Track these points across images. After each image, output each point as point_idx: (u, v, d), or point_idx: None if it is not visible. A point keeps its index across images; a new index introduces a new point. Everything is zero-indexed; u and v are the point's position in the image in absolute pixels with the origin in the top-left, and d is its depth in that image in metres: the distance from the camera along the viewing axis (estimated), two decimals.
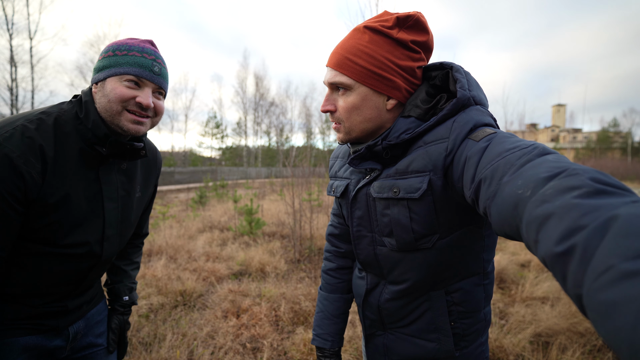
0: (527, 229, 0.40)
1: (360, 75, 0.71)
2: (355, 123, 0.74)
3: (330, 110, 0.76)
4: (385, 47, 0.70)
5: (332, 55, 0.75)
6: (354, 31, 0.74)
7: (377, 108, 0.74)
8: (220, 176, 21.82)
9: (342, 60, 0.72)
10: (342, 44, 0.73)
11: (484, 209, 0.53)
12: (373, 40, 0.71)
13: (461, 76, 0.72)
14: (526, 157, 0.49)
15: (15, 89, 18.02)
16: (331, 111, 0.76)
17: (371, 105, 0.74)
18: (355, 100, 0.72)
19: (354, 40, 0.72)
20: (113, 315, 1.12)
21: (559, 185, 0.39)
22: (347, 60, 0.71)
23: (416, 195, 0.68)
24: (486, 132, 0.62)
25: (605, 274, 0.27)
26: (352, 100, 0.73)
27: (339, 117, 0.75)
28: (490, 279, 0.82)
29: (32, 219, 0.79)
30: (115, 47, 0.86)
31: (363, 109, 0.73)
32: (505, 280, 3.58)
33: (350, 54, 0.71)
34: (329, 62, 0.75)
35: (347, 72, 0.71)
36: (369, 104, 0.73)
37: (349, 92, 0.73)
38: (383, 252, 0.79)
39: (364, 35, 0.72)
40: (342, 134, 0.77)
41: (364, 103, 0.73)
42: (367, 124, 0.74)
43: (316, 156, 19.17)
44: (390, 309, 0.83)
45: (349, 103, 0.73)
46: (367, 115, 0.74)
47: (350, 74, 0.71)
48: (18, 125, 0.76)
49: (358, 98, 0.72)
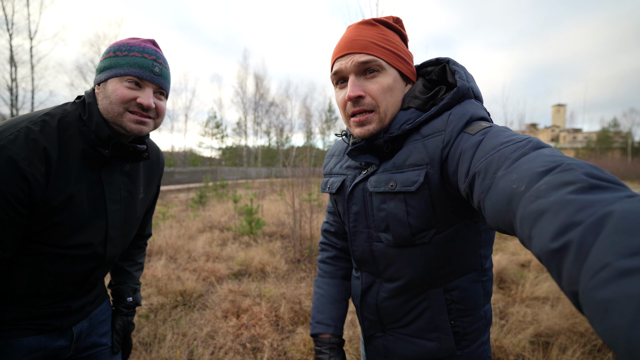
0: (521, 224, 0.40)
1: (389, 57, 0.72)
2: (390, 105, 0.72)
3: (361, 95, 0.71)
4: (396, 37, 0.76)
5: (350, 43, 0.72)
6: (363, 24, 0.74)
7: (402, 93, 0.75)
8: (220, 176, 21.81)
9: (368, 44, 0.71)
10: (358, 33, 0.73)
11: (478, 203, 0.53)
12: (386, 31, 0.75)
13: (459, 68, 0.75)
14: (521, 151, 0.49)
15: (15, 89, 18.03)
16: (361, 97, 0.71)
17: (399, 88, 0.74)
18: (390, 81, 0.72)
19: (369, 30, 0.73)
20: (117, 316, 1.12)
21: (554, 180, 0.39)
22: (374, 44, 0.71)
23: (413, 189, 0.68)
24: (481, 126, 0.63)
25: (601, 272, 0.27)
26: (387, 81, 0.72)
27: (370, 102, 0.72)
28: (488, 276, 0.82)
29: (36, 220, 0.79)
30: (116, 48, 0.86)
31: (395, 92, 0.73)
32: (505, 280, 3.59)
33: (373, 39, 0.72)
34: (350, 48, 0.72)
35: (378, 54, 0.71)
36: (398, 86, 0.74)
37: (381, 74, 0.72)
38: (379, 248, 0.79)
39: (376, 27, 0.74)
40: (374, 124, 0.72)
41: (395, 85, 0.73)
42: (395, 108, 0.74)
43: (316, 156, 19.18)
44: (389, 308, 0.82)
45: (384, 84, 0.71)
46: (397, 98, 0.74)
47: (382, 56, 0.71)
48: (22, 127, 0.76)
49: (391, 79, 0.72)
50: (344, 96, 0.73)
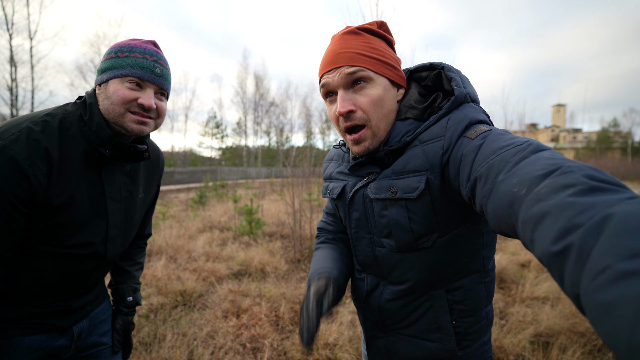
0: (523, 227, 0.40)
1: (377, 66, 0.71)
2: (382, 117, 0.72)
3: (352, 110, 0.70)
4: (382, 44, 0.75)
5: (336, 57, 0.72)
6: (347, 34, 0.73)
7: (394, 100, 0.74)
8: (220, 176, 21.83)
9: (354, 56, 0.70)
10: (342, 45, 0.72)
11: (480, 207, 0.53)
12: (371, 38, 0.74)
13: (455, 74, 0.74)
14: (521, 155, 0.49)
15: (15, 89, 18.02)
16: (352, 111, 0.71)
17: (391, 97, 0.73)
18: (379, 92, 0.71)
19: (353, 40, 0.72)
20: (117, 316, 1.12)
21: (554, 183, 0.39)
22: (359, 55, 0.70)
23: (414, 195, 0.68)
24: (481, 130, 0.63)
25: (602, 274, 0.27)
26: (377, 92, 0.71)
27: (361, 116, 0.71)
28: (491, 277, 0.82)
29: (37, 220, 0.79)
30: (117, 49, 0.87)
31: (386, 101, 0.72)
32: (505, 280, 3.59)
33: (358, 50, 0.71)
34: (336, 62, 0.71)
35: (365, 64, 0.70)
36: (389, 94, 0.73)
37: (370, 85, 0.71)
38: (382, 253, 0.78)
39: (360, 36, 0.73)
40: (368, 140, 0.72)
41: (386, 94, 0.72)
42: (388, 119, 0.73)
43: (316, 156, 19.20)
44: (391, 310, 0.82)
45: (373, 95, 0.70)
46: (389, 107, 0.73)
47: (369, 66, 0.70)
48: (24, 127, 0.77)
49: (380, 89, 0.71)
50: (335, 111, 0.73)
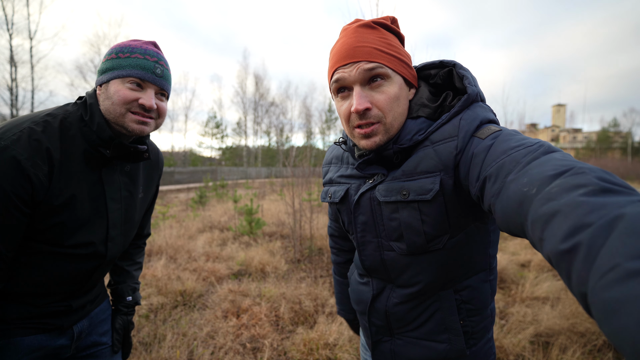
0: (533, 226, 0.40)
1: (395, 64, 0.69)
2: (397, 115, 0.70)
3: (368, 107, 0.67)
4: (396, 40, 0.73)
5: (353, 50, 0.68)
6: (362, 27, 0.70)
7: (407, 99, 0.73)
8: (220, 176, 21.82)
9: (372, 51, 0.68)
10: (359, 38, 0.69)
11: (489, 206, 0.53)
12: (386, 34, 0.71)
13: (466, 72, 0.72)
14: (532, 155, 0.49)
15: (15, 89, 18.04)
16: (368, 109, 0.68)
17: (405, 95, 0.72)
18: (396, 90, 0.69)
19: (370, 34, 0.69)
20: (117, 315, 1.12)
21: (565, 183, 0.39)
22: (378, 51, 0.68)
23: (428, 197, 0.66)
24: (491, 130, 0.62)
25: (610, 273, 0.27)
26: (394, 90, 0.68)
27: (377, 114, 0.68)
28: (495, 275, 0.82)
29: (38, 220, 0.80)
30: (118, 50, 0.87)
31: (401, 100, 0.70)
32: (505, 280, 3.59)
33: (376, 45, 0.68)
34: (353, 56, 0.68)
35: (383, 61, 0.68)
36: (404, 93, 0.71)
37: (387, 82, 0.68)
38: (391, 256, 0.77)
39: (376, 31, 0.70)
40: (380, 135, 0.69)
41: (401, 92, 0.70)
42: (402, 118, 0.71)
43: (316, 156, 19.20)
44: (399, 313, 0.80)
45: (390, 93, 0.68)
46: (404, 107, 0.71)
47: (387, 63, 0.68)
48: (25, 127, 0.77)
49: (397, 87, 0.69)
50: (348, 107, 0.70)
